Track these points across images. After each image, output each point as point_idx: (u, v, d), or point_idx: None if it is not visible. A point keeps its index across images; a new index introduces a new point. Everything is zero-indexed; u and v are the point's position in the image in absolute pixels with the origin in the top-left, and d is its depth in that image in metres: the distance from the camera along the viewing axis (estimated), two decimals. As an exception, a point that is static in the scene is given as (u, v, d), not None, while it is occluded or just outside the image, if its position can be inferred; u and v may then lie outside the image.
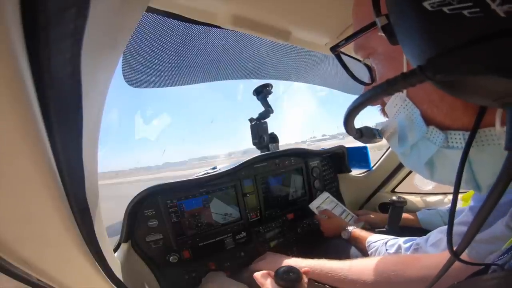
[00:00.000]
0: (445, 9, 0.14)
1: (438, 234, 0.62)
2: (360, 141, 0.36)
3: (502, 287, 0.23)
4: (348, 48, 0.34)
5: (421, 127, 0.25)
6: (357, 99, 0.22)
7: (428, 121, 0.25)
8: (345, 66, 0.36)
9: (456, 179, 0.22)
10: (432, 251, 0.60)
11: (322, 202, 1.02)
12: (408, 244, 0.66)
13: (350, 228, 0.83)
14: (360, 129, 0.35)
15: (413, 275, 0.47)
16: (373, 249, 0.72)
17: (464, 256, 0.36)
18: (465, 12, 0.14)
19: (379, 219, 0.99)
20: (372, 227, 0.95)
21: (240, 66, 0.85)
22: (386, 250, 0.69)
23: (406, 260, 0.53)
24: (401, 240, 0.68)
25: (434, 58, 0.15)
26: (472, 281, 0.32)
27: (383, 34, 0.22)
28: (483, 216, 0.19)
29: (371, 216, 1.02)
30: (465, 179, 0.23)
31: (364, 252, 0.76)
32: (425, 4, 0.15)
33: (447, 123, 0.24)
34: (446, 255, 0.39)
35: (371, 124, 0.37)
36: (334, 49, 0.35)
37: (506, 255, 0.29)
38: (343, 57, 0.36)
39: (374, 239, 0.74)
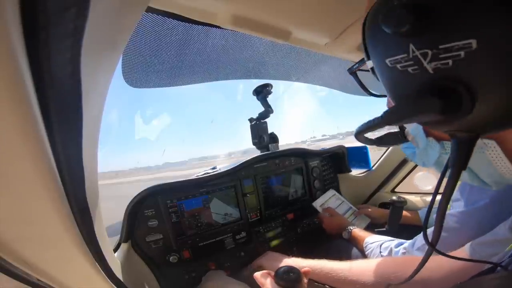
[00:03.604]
0: (398, 66, 0.18)
1: (423, 239, 0.62)
2: (382, 146, 0.38)
3: (505, 287, 0.25)
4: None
5: (423, 138, 0.29)
6: (362, 125, 0.24)
7: (427, 133, 0.28)
8: (361, 84, 0.41)
9: (438, 181, 0.25)
10: (417, 254, 0.61)
11: (327, 200, 1.02)
12: (398, 248, 0.67)
13: (351, 228, 0.83)
14: (380, 137, 0.37)
15: (417, 277, 0.47)
16: (369, 251, 0.73)
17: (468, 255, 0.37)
18: (409, 69, 0.18)
19: (378, 214, 1.00)
20: (373, 222, 0.97)
21: (240, 66, 0.85)
22: (380, 252, 0.70)
23: (407, 261, 0.53)
24: (393, 243, 0.70)
25: (387, 111, 0.19)
26: (475, 281, 0.33)
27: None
28: (445, 201, 0.22)
29: (369, 210, 1.03)
30: (470, 178, 0.26)
31: (363, 252, 0.76)
32: (387, 61, 0.19)
33: (441, 136, 0.27)
34: (446, 258, 0.41)
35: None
36: (351, 70, 0.41)
37: (509, 257, 0.30)
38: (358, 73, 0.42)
39: (371, 241, 0.75)
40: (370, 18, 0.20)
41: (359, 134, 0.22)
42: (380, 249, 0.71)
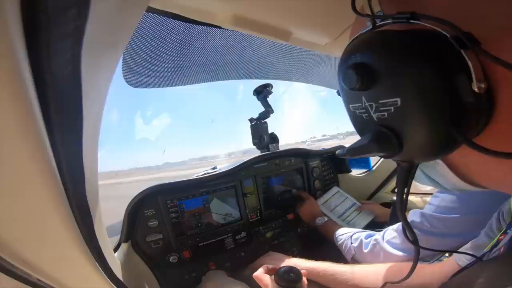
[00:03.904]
0: (357, 112, 0.23)
1: (392, 232, 0.69)
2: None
3: (480, 273, 0.31)
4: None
5: None
6: (337, 153, 0.29)
7: None
8: None
9: (398, 187, 0.28)
10: (387, 246, 0.67)
11: (331, 197, 1.03)
12: (368, 240, 0.72)
13: (326, 218, 0.89)
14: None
15: (415, 283, 0.48)
16: (340, 242, 0.78)
17: (457, 264, 0.45)
18: (363, 116, 0.23)
19: (381, 212, 1.01)
20: (374, 221, 0.99)
21: (240, 66, 0.85)
22: (351, 243, 0.74)
23: (409, 267, 0.53)
24: (363, 234, 0.74)
25: (350, 147, 0.24)
26: (458, 277, 0.37)
27: None
28: (400, 211, 0.28)
29: (372, 206, 1.05)
30: (433, 185, 0.29)
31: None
32: (350, 107, 0.24)
33: None
34: (447, 264, 0.44)
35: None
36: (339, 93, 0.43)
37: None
38: None
39: (342, 232, 0.79)
40: (337, 72, 0.24)
41: (340, 157, 0.27)
42: (351, 240, 0.75)
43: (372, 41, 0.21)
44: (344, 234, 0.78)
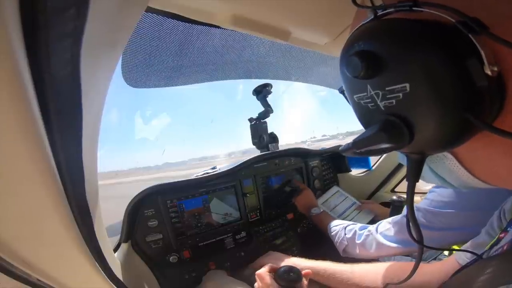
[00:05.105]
0: (362, 102, 0.23)
1: (386, 224, 0.69)
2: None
3: (481, 271, 0.30)
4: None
5: None
6: (341, 148, 0.27)
7: None
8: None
9: (408, 181, 0.27)
10: (380, 238, 0.68)
11: (331, 197, 1.03)
12: (362, 231, 0.73)
13: (321, 209, 0.89)
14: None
15: (416, 281, 0.48)
16: (334, 233, 0.78)
17: (458, 262, 0.44)
18: (369, 105, 0.22)
19: (380, 212, 1.01)
20: (374, 220, 0.98)
21: (240, 66, 0.85)
22: (345, 234, 0.76)
23: (409, 266, 0.54)
24: (357, 226, 0.75)
25: (356, 139, 0.23)
26: (459, 275, 0.37)
27: None
28: (410, 207, 0.27)
29: (372, 205, 1.05)
30: (441, 182, 0.28)
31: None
32: (354, 97, 0.23)
33: None
34: (447, 262, 0.44)
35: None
36: (341, 89, 0.43)
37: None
38: None
39: (335, 224, 0.80)
40: (339, 63, 0.24)
41: (343, 153, 0.26)
42: (345, 231, 0.76)
43: (375, 29, 0.21)
44: (338, 225, 0.78)
